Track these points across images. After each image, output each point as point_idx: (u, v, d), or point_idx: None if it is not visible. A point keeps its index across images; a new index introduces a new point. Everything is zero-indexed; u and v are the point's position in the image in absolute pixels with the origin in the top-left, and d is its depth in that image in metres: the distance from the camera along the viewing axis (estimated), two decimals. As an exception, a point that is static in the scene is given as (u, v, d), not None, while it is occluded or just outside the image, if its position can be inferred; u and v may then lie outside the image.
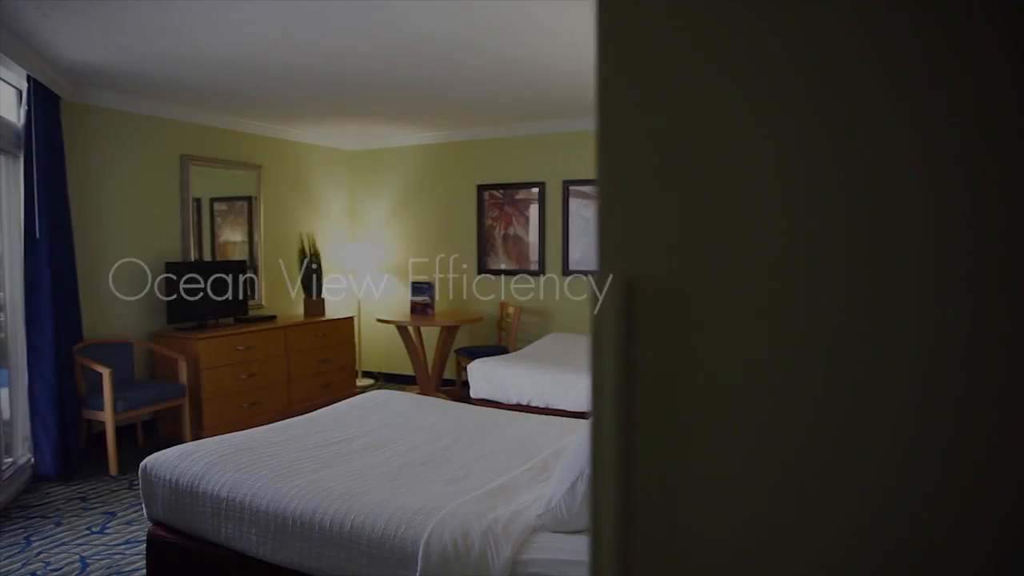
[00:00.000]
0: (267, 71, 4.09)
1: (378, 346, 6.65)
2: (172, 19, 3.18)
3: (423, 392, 5.69)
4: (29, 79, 3.82)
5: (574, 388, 3.91)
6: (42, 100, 3.96)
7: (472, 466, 2.43)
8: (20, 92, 4.09)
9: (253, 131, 5.72)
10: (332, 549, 1.98)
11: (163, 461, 2.41)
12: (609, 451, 0.56)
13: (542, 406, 3.99)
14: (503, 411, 3.25)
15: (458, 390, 5.83)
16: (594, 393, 0.57)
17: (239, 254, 5.58)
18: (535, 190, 5.87)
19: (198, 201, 5.30)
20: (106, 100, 4.61)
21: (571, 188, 5.72)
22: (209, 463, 2.36)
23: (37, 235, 3.95)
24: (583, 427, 2.82)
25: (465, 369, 5.71)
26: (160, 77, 4.22)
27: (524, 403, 4.05)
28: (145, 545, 2.46)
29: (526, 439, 2.78)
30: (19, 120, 4.04)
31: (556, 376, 3.97)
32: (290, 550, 2.06)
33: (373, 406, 3.19)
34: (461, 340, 6.13)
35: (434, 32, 3.40)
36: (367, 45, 3.60)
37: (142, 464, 2.45)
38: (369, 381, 6.48)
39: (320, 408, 5.46)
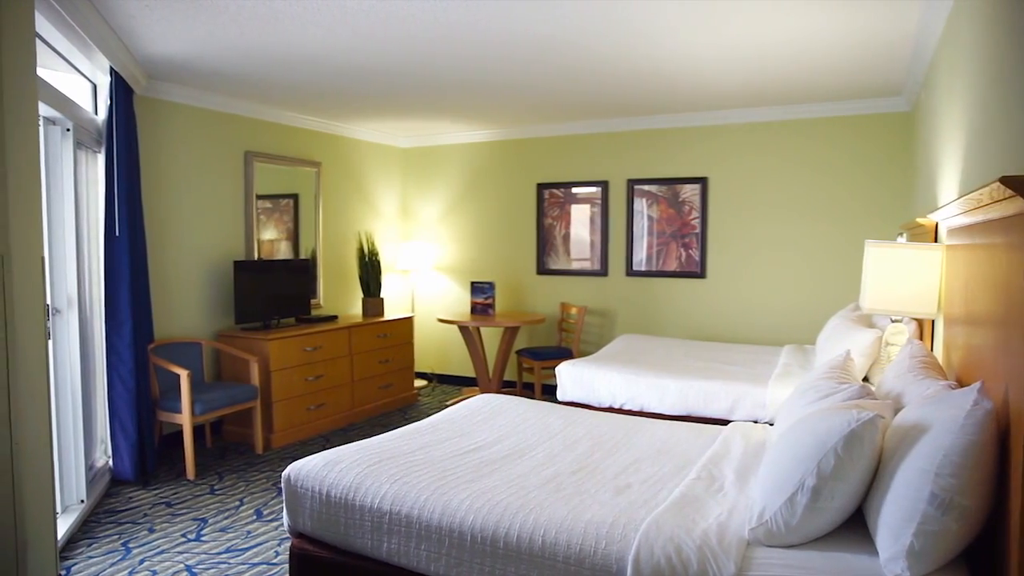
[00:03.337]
0: (351, 66, 3.98)
1: (430, 347, 6.54)
2: (276, 10, 3.07)
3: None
4: (112, 72, 3.70)
5: (670, 392, 3.81)
6: (122, 94, 3.84)
7: (627, 475, 2.33)
8: (94, 86, 3.98)
9: (313, 127, 5.61)
10: (520, 566, 1.88)
11: (308, 471, 2.30)
12: None
13: (636, 410, 3.89)
14: (622, 416, 3.16)
15: (519, 391, 5.73)
16: None
17: (283, 253, 5.40)
18: (597, 189, 5.77)
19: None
20: (175, 94, 4.49)
21: (636, 188, 5.62)
22: (361, 473, 2.25)
23: (117, 233, 3.84)
24: (730, 434, 2.72)
25: (528, 370, 5.62)
26: (238, 72, 4.10)
27: (616, 406, 3.95)
28: (288, 560, 2.35)
29: (662, 446, 2.68)
30: (96, 114, 3.93)
31: (651, 380, 3.87)
32: (468, 567, 1.96)
33: (490, 411, 3.09)
34: (520, 341, 6.03)
35: (516, 29, 3.31)
36: (454, 42, 3.53)
37: (285, 474, 2.33)
38: (422, 383, 6.37)
39: (382, 410, 5.40)
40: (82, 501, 3.46)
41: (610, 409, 3.95)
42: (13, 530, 2.19)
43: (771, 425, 3.02)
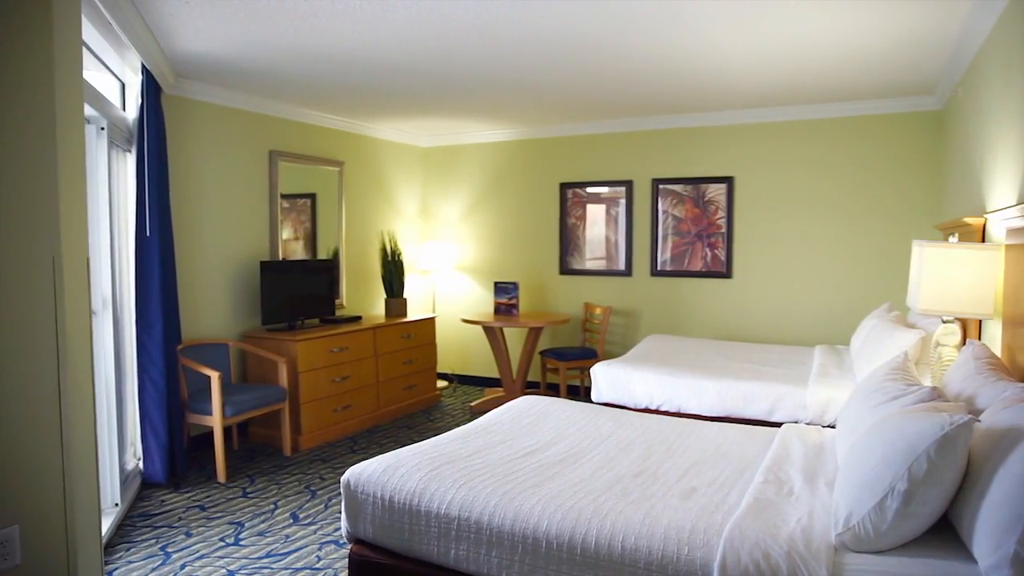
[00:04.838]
0: (385, 65, 3.94)
1: (451, 347, 6.50)
2: (316, 7, 3.03)
3: (508, 395, 5.55)
4: (144, 70, 3.66)
5: (708, 393, 3.78)
6: (152, 92, 3.80)
7: (689, 479, 2.30)
8: (122, 84, 3.93)
9: (337, 126, 5.56)
10: (599, 573, 1.84)
11: (367, 476, 2.26)
12: None
13: (673, 411, 3.86)
14: (669, 418, 3.12)
15: (543, 392, 5.69)
16: None
17: (299, 253, 5.33)
18: (621, 189, 5.74)
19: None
20: (200, 92, 4.44)
21: (660, 187, 5.59)
22: (424, 478, 2.21)
23: (148, 233, 3.80)
24: (786, 436, 2.69)
25: (552, 371, 5.59)
26: (268, 69, 4.06)
27: (653, 407, 3.92)
28: (348, 566, 2.30)
29: (717, 448, 2.65)
30: (125, 113, 3.88)
31: (688, 380, 3.84)
32: (543, 573, 1.92)
33: (537, 414, 3.05)
34: (543, 342, 5.99)
35: (556, 27, 3.28)
36: (492, 41, 3.50)
37: (344, 479, 2.29)
38: (443, 384, 6.33)
39: (406, 411, 5.36)
40: (116, 504, 3.42)
41: (647, 410, 3.91)
42: (64, 532, 2.16)
43: (824, 427, 2.99)
